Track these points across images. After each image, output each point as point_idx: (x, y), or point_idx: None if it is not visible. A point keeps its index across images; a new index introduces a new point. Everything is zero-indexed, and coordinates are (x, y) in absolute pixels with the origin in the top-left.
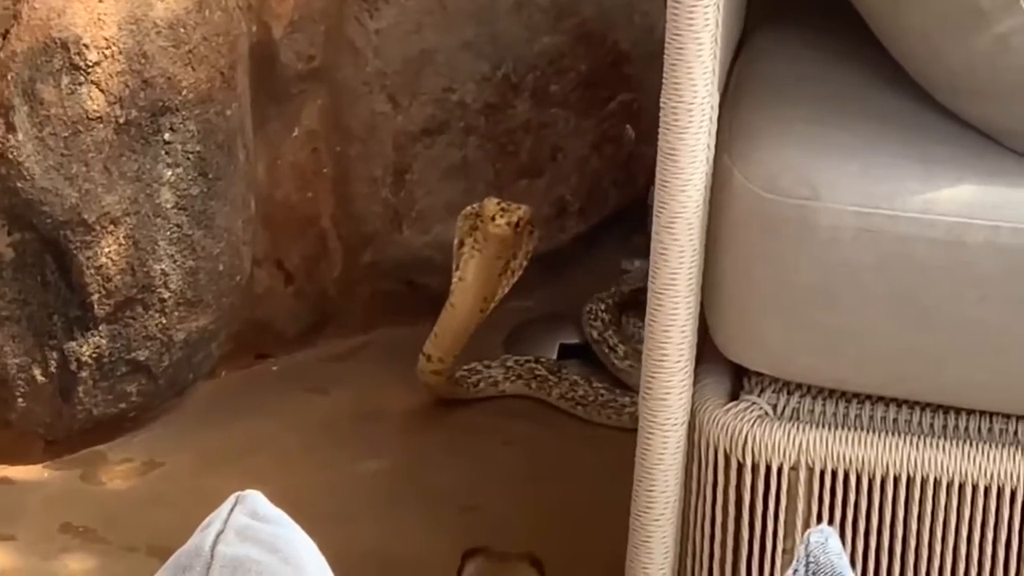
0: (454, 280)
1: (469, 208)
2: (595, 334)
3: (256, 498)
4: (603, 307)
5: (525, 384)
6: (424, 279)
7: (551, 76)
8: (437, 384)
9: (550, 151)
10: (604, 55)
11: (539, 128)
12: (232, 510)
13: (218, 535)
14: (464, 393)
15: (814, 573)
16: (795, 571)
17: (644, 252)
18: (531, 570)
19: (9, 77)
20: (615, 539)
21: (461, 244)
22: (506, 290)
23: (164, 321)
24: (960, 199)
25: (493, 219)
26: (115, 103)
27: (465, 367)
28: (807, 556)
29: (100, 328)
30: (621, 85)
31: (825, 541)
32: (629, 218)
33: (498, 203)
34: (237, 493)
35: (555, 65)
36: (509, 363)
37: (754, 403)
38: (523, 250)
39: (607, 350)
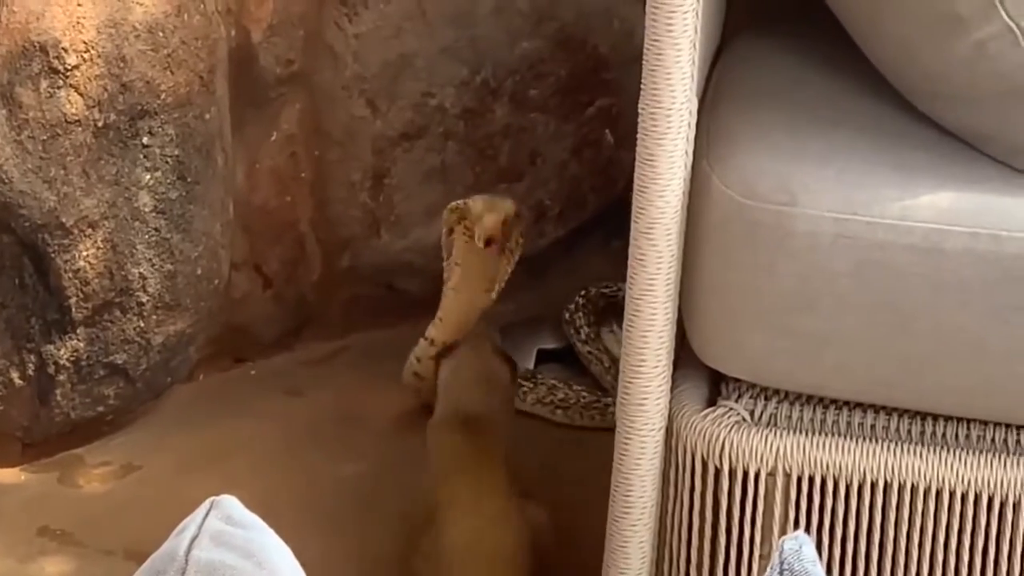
0: (448, 266)
1: (454, 203)
2: (567, 315)
3: (231, 503)
4: (584, 291)
5: None
6: (403, 283)
7: (530, 81)
8: (427, 374)
9: (529, 156)
10: (583, 60)
11: (518, 133)
12: (207, 515)
13: (192, 540)
14: None
15: None
16: None
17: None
18: (504, 365)
19: None
20: (594, 543)
21: (450, 231)
22: (509, 270)
23: (142, 324)
24: (938, 205)
25: (481, 219)
26: (94, 107)
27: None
28: (781, 563)
29: (78, 331)
30: (600, 90)
31: (799, 548)
32: (608, 223)
33: (484, 202)
34: (212, 498)
35: (534, 70)
36: None
37: (731, 409)
38: (516, 231)
39: (572, 331)
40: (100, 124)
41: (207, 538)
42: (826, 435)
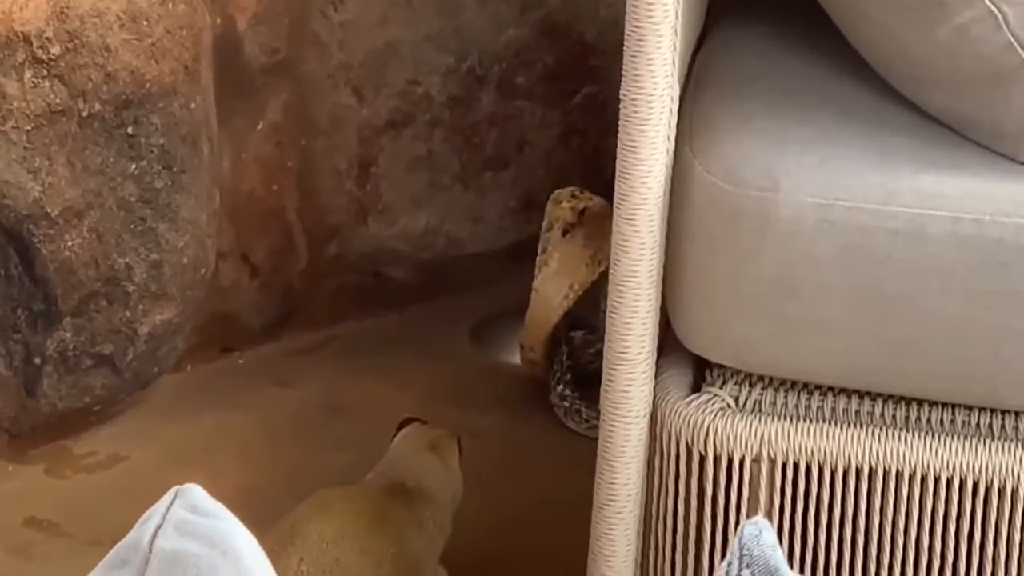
0: (539, 264)
1: (556, 193)
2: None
3: (195, 492)
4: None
5: None
6: (390, 272)
7: (517, 68)
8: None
9: (516, 144)
10: (570, 47)
11: (505, 120)
12: (171, 504)
13: (157, 529)
14: None
15: (748, 566)
16: (729, 563)
17: None
18: (452, 442)
19: None
20: (580, 531)
21: (550, 227)
22: (593, 278)
23: (128, 315)
24: (921, 190)
25: (560, 203)
26: (78, 96)
27: None
28: (741, 549)
29: (64, 322)
30: (587, 77)
31: (759, 534)
32: None
33: (572, 192)
34: (176, 487)
35: (520, 57)
36: None
37: (716, 395)
38: (608, 242)
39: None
40: (85, 114)
41: (171, 527)
42: (811, 421)
